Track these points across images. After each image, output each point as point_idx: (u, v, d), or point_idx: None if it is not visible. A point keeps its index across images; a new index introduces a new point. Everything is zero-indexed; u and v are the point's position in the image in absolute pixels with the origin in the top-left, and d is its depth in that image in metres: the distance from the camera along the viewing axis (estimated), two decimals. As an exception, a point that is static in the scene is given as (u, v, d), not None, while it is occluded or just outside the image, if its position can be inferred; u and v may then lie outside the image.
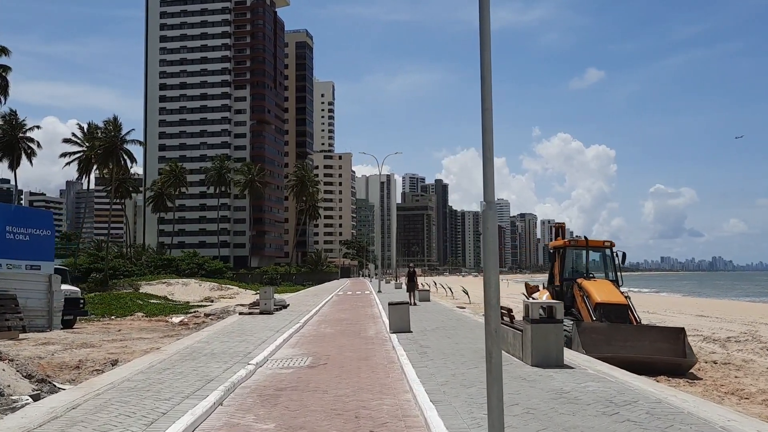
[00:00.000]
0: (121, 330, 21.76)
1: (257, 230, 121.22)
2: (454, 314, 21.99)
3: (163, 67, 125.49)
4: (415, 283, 26.69)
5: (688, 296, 65.67)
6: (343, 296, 38.93)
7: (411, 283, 26.61)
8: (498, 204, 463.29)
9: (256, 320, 19.30)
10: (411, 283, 26.57)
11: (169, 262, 73.31)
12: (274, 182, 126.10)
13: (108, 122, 64.99)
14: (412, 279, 26.76)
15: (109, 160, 64.34)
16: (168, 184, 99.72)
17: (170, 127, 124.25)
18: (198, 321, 26.01)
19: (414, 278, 26.72)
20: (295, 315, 21.54)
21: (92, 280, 64.16)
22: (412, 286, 26.55)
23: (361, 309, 26.45)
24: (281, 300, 24.81)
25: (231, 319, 19.99)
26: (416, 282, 26.86)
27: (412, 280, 26.69)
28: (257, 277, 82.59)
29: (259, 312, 21.77)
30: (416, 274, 27.10)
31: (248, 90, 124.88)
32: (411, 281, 26.67)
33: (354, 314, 23.27)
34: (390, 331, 15.36)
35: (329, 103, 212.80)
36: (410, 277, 26.98)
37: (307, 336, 16.22)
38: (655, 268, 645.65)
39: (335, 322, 19.88)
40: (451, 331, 15.86)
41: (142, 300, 46.79)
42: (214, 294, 62.94)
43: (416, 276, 26.93)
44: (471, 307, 30.70)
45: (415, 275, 26.91)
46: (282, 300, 24.91)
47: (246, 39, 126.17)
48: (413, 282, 26.61)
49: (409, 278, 26.89)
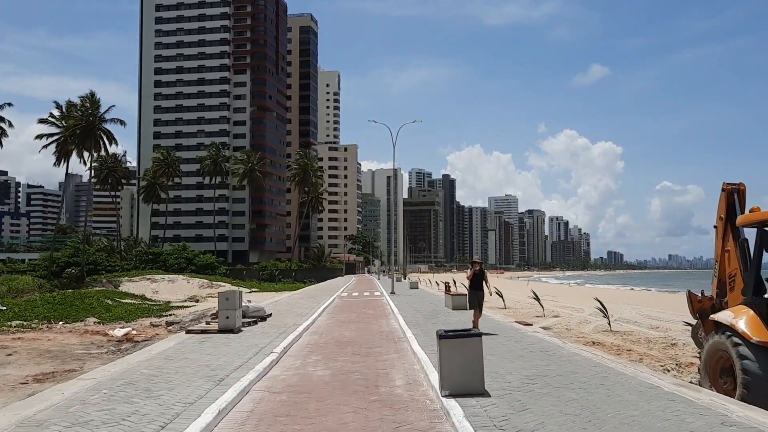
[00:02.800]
0: (17, 351, 14.60)
1: (257, 223, 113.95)
2: (535, 342, 12.73)
3: (159, 50, 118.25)
4: (483, 291, 14.53)
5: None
6: (348, 299, 31.40)
7: (478, 291, 14.46)
8: (506, 200, 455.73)
9: (204, 347, 12.00)
10: (478, 292, 14.46)
11: (156, 256, 66.12)
12: (276, 173, 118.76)
13: (84, 98, 57.46)
14: (478, 284, 14.42)
15: (86, 141, 56.98)
16: (160, 173, 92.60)
17: (166, 114, 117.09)
18: (149, 334, 18.82)
19: (483, 282, 14.41)
20: (273, 334, 14.23)
21: (67, 275, 57.06)
22: (479, 297, 14.50)
23: (372, 322, 18.90)
24: (257, 309, 17.33)
25: (163, 345, 12.50)
26: (486, 289, 14.52)
27: (478, 287, 14.43)
28: (254, 273, 75.29)
29: (217, 330, 14.43)
30: (486, 275, 14.57)
31: (248, 75, 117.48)
32: (477, 288, 14.44)
33: (363, 333, 15.63)
34: (442, 392, 7.66)
35: (335, 94, 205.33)
36: (477, 280, 14.43)
37: (277, 392, 8.72)
38: (663, 266, 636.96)
39: (333, 352, 12.32)
40: (570, 393, 7.76)
41: (112, 300, 39.72)
42: (203, 292, 55.87)
43: (486, 279, 14.54)
44: (515, 314, 22.84)
45: (484, 276, 14.47)
46: (259, 309, 17.41)
47: (246, 21, 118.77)
48: (481, 290, 14.44)
49: (476, 282, 14.45)
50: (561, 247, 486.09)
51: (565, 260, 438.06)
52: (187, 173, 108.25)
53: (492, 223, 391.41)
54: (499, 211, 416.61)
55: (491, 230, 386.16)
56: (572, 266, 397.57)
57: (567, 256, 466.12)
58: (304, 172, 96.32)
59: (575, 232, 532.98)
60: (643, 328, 17.57)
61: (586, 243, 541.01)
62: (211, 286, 57.12)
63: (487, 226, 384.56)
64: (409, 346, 12.50)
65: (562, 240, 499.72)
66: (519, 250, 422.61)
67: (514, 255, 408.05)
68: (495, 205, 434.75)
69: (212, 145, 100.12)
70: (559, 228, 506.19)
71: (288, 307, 23.95)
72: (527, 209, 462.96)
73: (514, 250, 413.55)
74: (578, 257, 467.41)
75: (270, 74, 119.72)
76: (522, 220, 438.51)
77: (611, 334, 15.67)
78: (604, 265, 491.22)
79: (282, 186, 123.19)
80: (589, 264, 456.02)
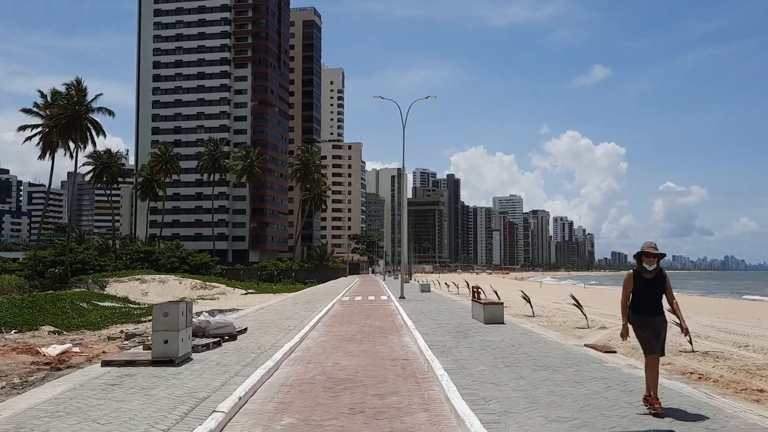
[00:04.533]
0: None
1: (258, 222, 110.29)
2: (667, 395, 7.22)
3: (158, 44, 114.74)
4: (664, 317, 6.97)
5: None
6: (350, 305, 27.22)
7: (656, 318, 6.89)
8: (510, 200, 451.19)
9: (108, 398, 7.44)
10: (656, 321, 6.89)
11: (148, 255, 62.43)
12: (278, 170, 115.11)
13: (69, 86, 53.68)
14: (656, 301, 6.93)
15: (72, 132, 53.26)
16: (157, 169, 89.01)
17: (164, 109, 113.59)
18: (95, 351, 15.05)
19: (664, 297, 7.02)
20: (235, 367, 9.69)
21: (50, 275, 53.50)
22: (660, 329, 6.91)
23: (381, 340, 14.11)
24: (221, 325, 12.57)
25: (47, 392, 7.87)
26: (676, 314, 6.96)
27: (656, 308, 6.92)
28: (253, 273, 71.51)
29: (149, 361, 9.87)
30: (668, 283, 6.98)
31: (249, 69, 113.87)
32: (655, 312, 6.91)
33: (369, 361, 10.86)
34: None
35: (338, 91, 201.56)
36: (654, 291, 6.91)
37: None
38: (667, 267, 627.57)
39: (320, 407, 7.58)
40: None
41: (88, 303, 36.05)
42: (194, 293, 52.17)
43: (671, 292, 7.02)
44: (549, 323, 18.80)
45: (665, 285, 6.93)
46: (224, 324, 12.58)
47: (247, 13, 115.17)
48: (661, 314, 6.96)
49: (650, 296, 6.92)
50: (565, 248, 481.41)
51: (569, 261, 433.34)
52: (187, 170, 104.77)
53: (496, 223, 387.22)
54: (503, 212, 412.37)
55: (496, 230, 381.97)
56: (577, 267, 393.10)
57: (571, 256, 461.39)
58: (305, 168, 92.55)
59: (579, 233, 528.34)
60: (730, 347, 13.73)
61: (591, 244, 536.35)
62: (205, 287, 53.47)
63: (492, 226, 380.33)
64: (442, 393, 8.13)
65: (567, 240, 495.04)
66: (523, 251, 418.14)
67: (518, 255, 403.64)
68: (499, 206, 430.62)
69: (210, 140, 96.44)
70: (564, 228, 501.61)
71: (274, 316, 19.83)
72: (532, 210, 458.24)
73: (518, 251, 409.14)
74: (583, 258, 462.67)
75: (272, 68, 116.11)
76: (526, 221, 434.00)
77: (701, 358, 11.85)
78: (608, 265, 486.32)
79: (284, 183, 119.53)
80: (594, 265, 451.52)
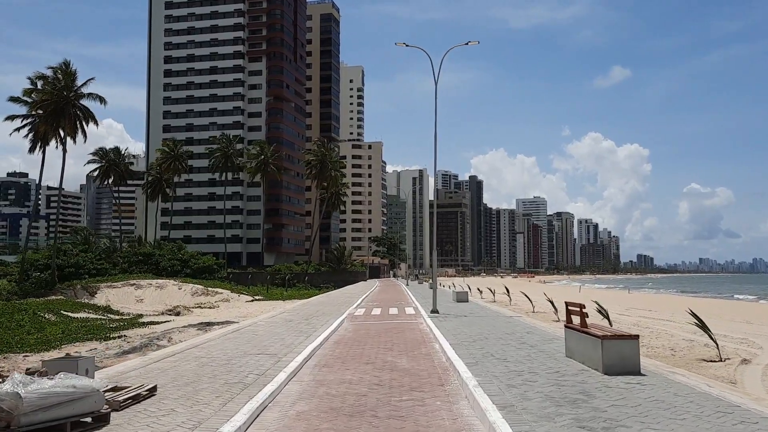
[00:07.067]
0: None
1: (273, 223, 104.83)
2: None
3: (169, 37, 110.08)
4: None
5: None
6: (364, 323, 19.78)
7: None
8: (534, 202, 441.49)
9: None
10: None
11: (147, 257, 56.95)
12: (294, 168, 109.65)
13: (56, 69, 48.35)
14: None
15: (60, 120, 47.98)
16: (167, 167, 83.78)
17: (176, 105, 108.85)
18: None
19: None
20: None
21: (35, 279, 48.14)
22: None
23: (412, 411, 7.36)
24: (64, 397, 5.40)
25: None
26: None
27: None
28: (263, 277, 65.73)
29: None
30: None
31: (264, 62, 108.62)
32: None
33: None
34: None
35: (358, 90, 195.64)
36: None
37: None
38: (693, 269, 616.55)
39: None
40: None
41: (58, 314, 30.50)
42: (194, 300, 46.36)
43: None
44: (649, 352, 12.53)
45: None
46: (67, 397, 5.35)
47: (262, 4, 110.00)
48: None
49: None
50: (590, 251, 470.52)
51: (594, 264, 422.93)
52: (199, 169, 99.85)
53: (520, 225, 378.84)
54: (527, 214, 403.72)
55: (519, 233, 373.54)
56: (602, 270, 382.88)
57: (596, 259, 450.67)
58: (321, 164, 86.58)
59: (604, 235, 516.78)
60: None
61: (616, 246, 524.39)
62: (207, 293, 47.66)
63: (515, 228, 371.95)
64: None
65: (591, 243, 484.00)
66: (548, 254, 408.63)
67: (542, 258, 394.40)
68: (523, 208, 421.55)
69: (223, 136, 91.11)
70: (588, 231, 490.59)
71: (239, 347, 12.90)
72: (555, 212, 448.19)
73: (542, 254, 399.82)
74: (608, 261, 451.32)
75: (288, 62, 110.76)
76: (550, 223, 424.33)
77: None
78: (634, 268, 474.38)
79: (301, 183, 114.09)
80: (619, 268, 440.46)
